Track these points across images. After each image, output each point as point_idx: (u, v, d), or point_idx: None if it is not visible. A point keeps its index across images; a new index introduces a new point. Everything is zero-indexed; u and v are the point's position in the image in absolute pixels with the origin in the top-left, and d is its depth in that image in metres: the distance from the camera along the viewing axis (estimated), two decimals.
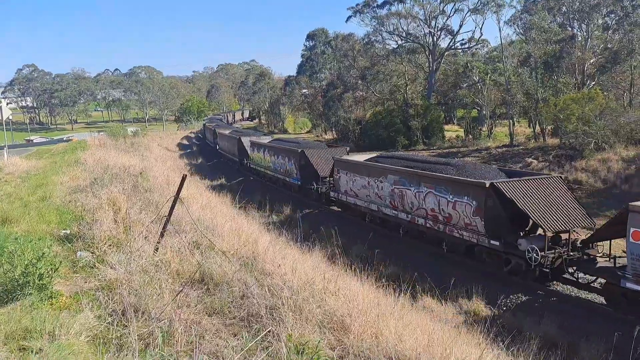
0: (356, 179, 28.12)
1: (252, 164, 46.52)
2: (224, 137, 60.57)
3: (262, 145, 43.78)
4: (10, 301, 7.13)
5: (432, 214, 22.47)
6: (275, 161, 40.01)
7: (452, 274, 19.66)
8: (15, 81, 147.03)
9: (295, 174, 35.88)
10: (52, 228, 12.00)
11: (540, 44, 50.07)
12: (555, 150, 42.94)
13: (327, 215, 30.75)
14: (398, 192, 24.66)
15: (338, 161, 30.74)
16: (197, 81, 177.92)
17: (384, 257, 21.44)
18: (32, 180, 21.52)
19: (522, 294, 17.79)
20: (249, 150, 47.83)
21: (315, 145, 39.39)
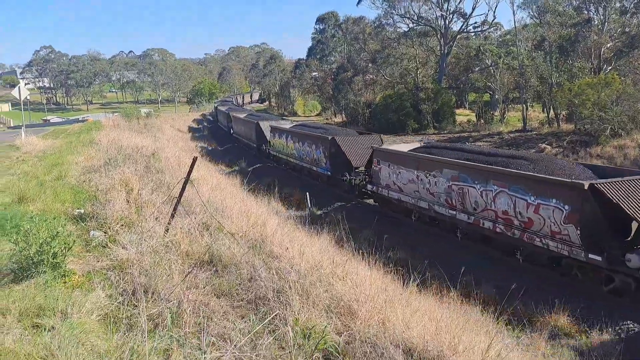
0: (401, 171, 24.93)
1: (272, 151, 43.44)
2: (240, 121, 57.59)
3: (285, 130, 40.69)
4: (25, 279, 7.31)
5: (504, 217, 19.04)
6: (300, 148, 36.84)
7: (462, 260, 19.81)
8: (33, 62, 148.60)
9: (324, 163, 32.91)
10: (66, 207, 12.19)
11: (555, 27, 49.37)
12: (570, 136, 42.55)
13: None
14: (457, 189, 21.34)
15: (378, 151, 27.52)
16: (208, 63, 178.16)
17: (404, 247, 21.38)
18: (48, 159, 21.81)
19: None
20: (268, 136, 44.79)
21: (346, 132, 35.76)
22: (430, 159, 23.34)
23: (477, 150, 23.39)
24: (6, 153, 25.41)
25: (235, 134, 60.23)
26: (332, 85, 75.97)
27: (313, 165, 34.71)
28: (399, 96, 61.50)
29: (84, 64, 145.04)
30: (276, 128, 42.81)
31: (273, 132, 43.09)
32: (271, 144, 43.53)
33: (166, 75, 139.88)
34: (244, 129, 54.62)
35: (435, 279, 18.10)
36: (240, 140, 57.36)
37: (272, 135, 43.26)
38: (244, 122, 54.84)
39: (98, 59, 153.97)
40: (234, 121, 61.02)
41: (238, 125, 58.70)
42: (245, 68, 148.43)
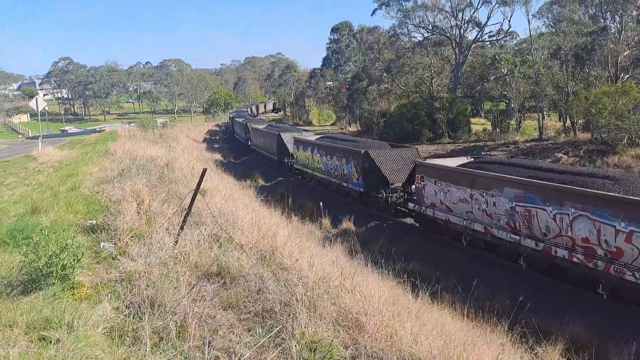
0: (451, 189, 22.55)
1: (295, 164, 41.18)
2: (259, 133, 55.30)
3: (310, 143, 38.20)
4: (34, 290, 7.36)
5: (585, 245, 16.70)
6: (328, 162, 34.44)
7: (476, 272, 19.60)
8: (52, 74, 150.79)
9: (355, 178, 30.54)
10: (79, 218, 12.29)
11: (570, 36, 49.00)
12: (587, 145, 42.08)
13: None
14: (523, 211, 18.86)
15: (423, 167, 25.12)
16: (224, 74, 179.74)
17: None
18: (63, 170, 22.07)
19: None
20: (291, 148, 42.55)
21: (378, 145, 33.25)
22: (488, 176, 20.71)
23: (544, 167, 20.61)
24: (23, 164, 25.77)
25: (254, 146, 58.20)
26: (347, 94, 76.12)
27: (343, 181, 32.43)
28: (413, 105, 61.39)
29: (101, 75, 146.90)
30: (300, 140, 40.71)
31: (297, 144, 41.06)
32: (295, 157, 41.38)
33: (182, 86, 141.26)
34: (264, 141, 52.39)
35: (449, 291, 18.09)
36: (259, 152, 55.40)
37: (295, 147, 41.22)
38: (264, 134, 52.75)
39: (115, 70, 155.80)
40: (253, 133, 58.93)
41: (257, 137, 56.66)
42: (261, 78, 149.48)
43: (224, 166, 45.06)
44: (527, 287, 18.04)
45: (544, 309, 16.27)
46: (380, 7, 68.00)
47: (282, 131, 46.88)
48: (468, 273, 19.11)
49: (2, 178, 20.93)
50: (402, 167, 27.94)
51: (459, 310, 14.71)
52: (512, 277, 19.21)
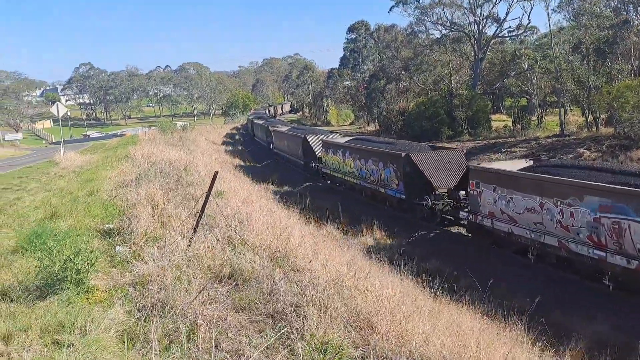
0: (514, 197, 20.02)
1: (324, 168, 38.64)
2: (282, 136, 52.66)
3: (341, 146, 35.58)
4: (49, 295, 7.50)
5: None
6: (362, 166, 31.94)
7: (495, 270, 19.43)
8: (73, 79, 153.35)
9: (395, 184, 28.04)
10: (96, 222, 12.48)
11: (591, 29, 48.22)
12: (609, 140, 41.37)
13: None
14: (610, 223, 16.36)
15: (478, 171, 22.69)
16: (242, 76, 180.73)
17: None
18: (83, 175, 22.44)
19: None
20: (318, 151, 40.08)
21: (419, 147, 30.37)
22: (564, 183, 18.06)
23: (634, 172, 17.62)
24: (45, 169, 26.26)
25: (277, 149, 55.60)
26: (365, 94, 76.00)
27: (380, 187, 29.79)
28: (432, 103, 61.05)
29: (122, 80, 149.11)
30: (329, 143, 38.05)
31: (325, 147, 38.42)
32: (323, 161, 38.84)
33: (201, 89, 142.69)
34: (288, 144, 49.69)
35: (469, 290, 17.97)
36: (282, 156, 53.03)
37: (324, 150, 38.70)
38: (288, 137, 49.95)
39: (136, 74, 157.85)
40: (275, 135, 56.38)
41: (280, 140, 53.91)
42: (279, 79, 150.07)
43: (244, 170, 43.32)
44: (550, 286, 17.88)
45: (567, 307, 16.12)
46: (397, 5, 67.66)
47: (307, 133, 43.97)
48: (489, 272, 19.04)
49: (25, 184, 21.36)
50: (447, 171, 25.62)
51: (478, 309, 14.63)
52: (535, 276, 19.02)
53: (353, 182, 33.44)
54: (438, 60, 66.48)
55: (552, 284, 18.14)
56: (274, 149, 57.10)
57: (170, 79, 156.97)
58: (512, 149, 46.04)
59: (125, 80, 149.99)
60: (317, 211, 26.21)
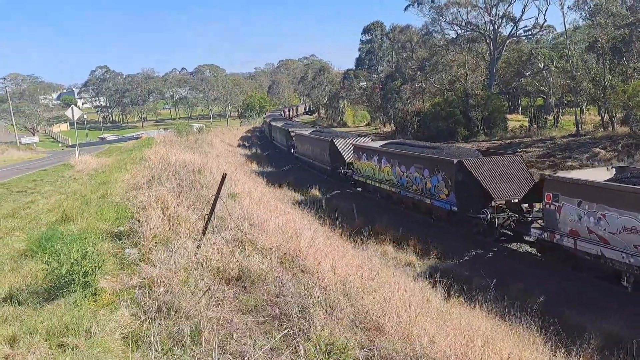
0: (608, 213, 17.09)
1: (355, 175, 35.94)
2: (305, 140, 49.70)
3: (376, 150, 32.59)
4: (57, 298, 7.53)
5: None
6: (402, 174, 28.85)
7: (513, 271, 19.23)
8: (90, 82, 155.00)
9: (445, 194, 24.93)
10: (108, 225, 12.54)
11: (607, 28, 47.62)
12: (625, 139, 40.86)
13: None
14: None
15: (557, 182, 19.35)
16: (258, 77, 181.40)
17: None
18: (98, 177, 22.57)
19: None
20: (347, 156, 37.45)
21: (468, 152, 26.97)
22: None
23: None
24: (61, 172, 26.51)
25: (299, 154, 52.49)
26: (380, 94, 75.84)
27: (424, 197, 26.67)
28: (448, 103, 60.80)
29: (138, 83, 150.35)
30: (362, 148, 35.17)
31: (357, 152, 35.46)
32: (355, 168, 35.83)
33: (217, 91, 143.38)
34: (312, 149, 46.38)
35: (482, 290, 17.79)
36: (305, 160, 50.03)
37: (355, 155, 35.72)
38: (312, 141, 46.70)
39: (152, 77, 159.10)
40: (297, 139, 53.22)
41: (302, 144, 50.82)
42: (295, 80, 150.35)
43: (262, 175, 40.50)
44: (562, 285, 17.68)
45: (579, 306, 15.91)
46: (412, 4, 67.53)
47: (334, 137, 40.74)
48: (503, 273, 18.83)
49: (40, 187, 21.58)
50: (506, 180, 22.84)
51: (491, 309, 14.48)
52: (548, 275, 18.79)
53: (391, 190, 30.38)
54: (454, 60, 66.27)
55: (569, 283, 17.93)
56: (295, 154, 54.42)
57: (187, 81, 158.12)
58: (528, 149, 45.63)
59: (142, 83, 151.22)
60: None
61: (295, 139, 54.83)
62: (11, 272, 8.78)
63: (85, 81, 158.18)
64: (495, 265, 19.99)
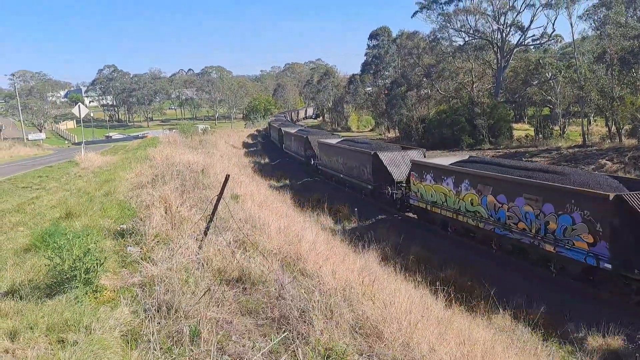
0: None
1: (414, 199, 28.35)
2: (333, 151, 41.35)
3: (448, 171, 25.37)
4: (58, 294, 7.56)
5: None
6: (500, 206, 21.61)
7: (514, 281, 19.17)
8: (97, 81, 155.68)
9: (588, 242, 17.41)
10: (111, 223, 12.58)
11: (616, 39, 47.56)
12: (632, 152, 40.73)
13: None
14: None
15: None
16: (264, 80, 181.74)
17: None
18: (102, 175, 22.66)
19: None
20: (397, 174, 30.59)
21: (605, 180, 19.13)
22: None
23: None
24: (66, 169, 26.61)
25: (324, 167, 43.91)
26: (386, 100, 75.86)
27: (545, 242, 19.25)
28: (453, 111, 60.76)
29: (145, 82, 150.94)
30: (427, 166, 27.42)
31: (418, 171, 28.05)
32: (413, 189, 28.45)
33: (223, 92, 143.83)
34: (345, 162, 38.04)
35: (484, 300, 17.78)
36: (330, 173, 41.97)
37: (415, 175, 28.19)
38: (344, 152, 38.57)
39: (159, 77, 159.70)
40: (322, 149, 44.55)
41: (329, 155, 42.23)
42: (300, 84, 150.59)
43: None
44: (565, 298, 17.60)
45: (581, 319, 15.84)
46: (420, 11, 67.64)
47: (379, 150, 33.34)
48: (505, 283, 18.75)
49: (45, 183, 21.68)
50: None
51: (492, 319, 14.46)
52: (550, 287, 18.72)
53: (475, 225, 23.28)
54: (460, 67, 66.29)
55: (570, 296, 17.85)
56: (318, 166, 45.90)
57: (193, 82, 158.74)
58: (534, 159, 45.55)
59: (148, 82, 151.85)
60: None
61: (319, 149, 45.73)
62: (14, 267, 8.81)
63: (93, 80, 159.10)
64: None
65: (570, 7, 54.00)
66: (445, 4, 65.86)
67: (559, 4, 57.73)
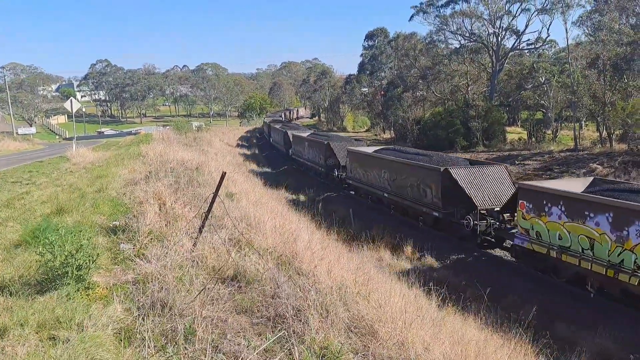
0: None
1: (522, 239, 20.46)
2: (372, 162, 33.20)
3: (587, 202, 17.87)
4: (49, 290, 7.43)
5: None
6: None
7: (506, 281, 19.21)
8: (90, 75, 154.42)
9: None
10: (103, 219, 12.44)
11: (610, 45, 47.89)
12: (622, 156, 41.01)
13: None
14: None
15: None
16: (260, 78, 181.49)
17: None
18: (94, 171, 22.45)
19: None
20: (478, 199, 23.08)
21: None
22: None
23: None
24: (57, 164, 26.37)
25: (356, 181, 36.02)
26: (382, 101, 75.95)
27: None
28: (448, 113, 60.99)
29: (139, 78, 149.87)
30: (555, 195, 19.05)
31: (537, 200, 19.64)
32: (527, 226, 19.99)
33: (218, 90, 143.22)
34: (396, 178, 29.72)
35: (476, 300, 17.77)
36: (367, 190, 33.93)
37: (531, 206, 19.84)
38: (395, 166, 30.08)
39: (153, 73, 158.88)
40: (354, 159, 36.42)
41: (365, 167, 34.05)
42: (296, 83, 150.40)
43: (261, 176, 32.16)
44: (557, 299, 17.66)
45: (572, 320, 15.89)
46: (418, 13, 67.82)
47: (451, 166, 25.43)
48: (498, 284, 18.77)
49: (35, 178, 21.45)
50: None
51: (484, 320, 14.46)
52: (541, 288, 18.78)
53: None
54: (456, 70, 66.49)
55: (559, 297, 17.94)
56: (347, 179, 37.89)
57: (188, 78, 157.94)
58: (526, 162, 45.77)
59: (142, 78, 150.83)
60: None
61: (346, 159, 37.94)
62: (3, 263, 8.67)
63: (86, 74, 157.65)
64: None
65: (566, 12, 54.27)
66: (442, 7, 66.13)
67: (554, 9, 58.08)
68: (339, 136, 53.81)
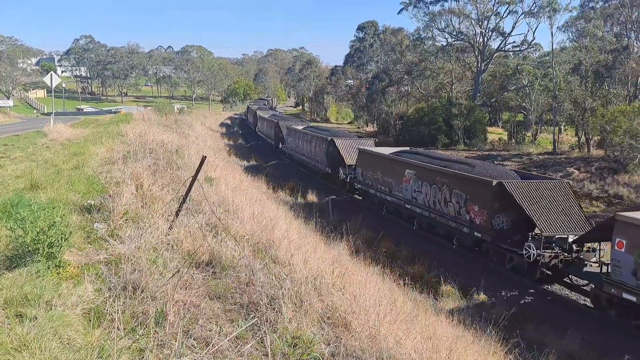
0: None
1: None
2: (389, 166, 29.07)
3: None
4: (19, 266, 7.27)
5: None
6: None
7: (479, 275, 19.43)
8: (72, 51, 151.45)
9: None
10: (78, 197, 12.21)
11: (593, 52, 48.57)
12: (599, 162, 41.73)
13: None
14: None
15: None
16: (246, 64, 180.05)
17: None
18: (71, 148, 22.04)
19: None
20: (535, 215, 19.26)
21: None
22: None
23: None
24: (33, 139, 25.87)
25: (367, 187, 31.90)
26: (366, 94, 76.04)
27: None
28: (431, 110, 61.28)
29: (121, 56, 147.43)
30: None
31: None
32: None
33: (202, 73, 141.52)
34: (426, 187, 25.32)
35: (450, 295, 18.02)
36: (376, 197, 30.66)
37: None
38: (424, 174, 25.60)
39: (136, 52, 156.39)
40: (366, 161, 32.08)
41: (381, 171, 29.79)
42: (282, 71, 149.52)
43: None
44: (528, 298, 17.93)
45: (542, 320, 16.16)
46: (407, 8, 67.88)
47: (504, 179, 21.14)
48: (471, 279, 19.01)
49: (10, 152, 21.01)
50: None
51: (455, 316, 14.57)
52: (515, 286, 19.04)
53: None
54: (441, 68, 66.79)
55: (530, 296, 18.23)
56: (355, 182, 34.01)
57: (172, 59, 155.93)
58: (505, 162, 46.25)
59: (125, 56, 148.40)
60: None
61: (364, 166, 32.55)
62: None
63: (68, 49, 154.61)
64: None
65: (552, 16, 54.74)
66: (431, 4, 66.30)
67: (541, 12, 58.61)
68: (346, 132, 47.92)
